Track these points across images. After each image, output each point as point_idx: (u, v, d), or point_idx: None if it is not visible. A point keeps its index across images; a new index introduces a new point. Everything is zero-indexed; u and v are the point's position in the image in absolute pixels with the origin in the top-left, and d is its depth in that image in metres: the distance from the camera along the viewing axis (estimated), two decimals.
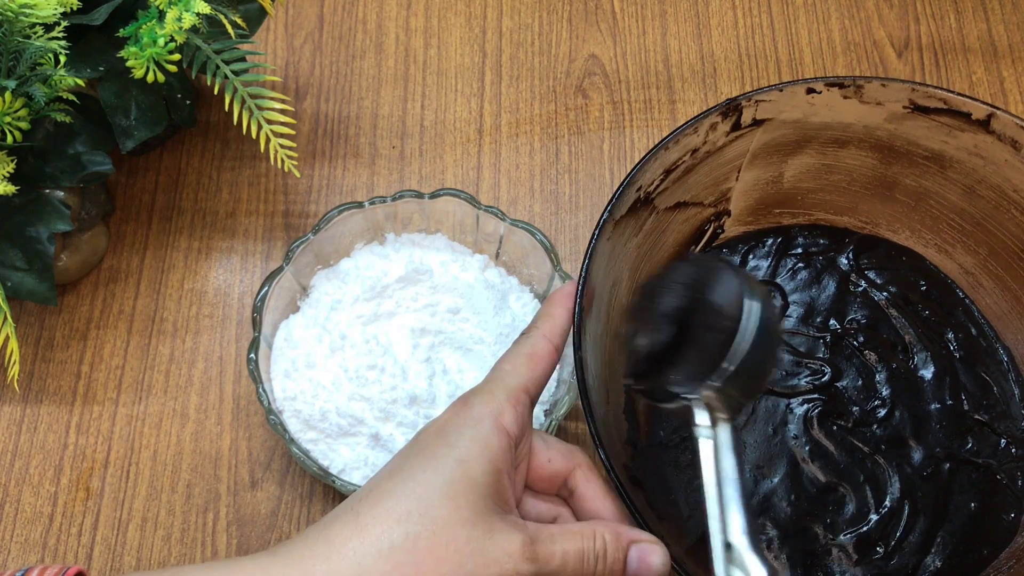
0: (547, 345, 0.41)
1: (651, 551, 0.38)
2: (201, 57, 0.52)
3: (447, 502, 0.34)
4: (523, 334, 0.42)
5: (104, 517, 0.54)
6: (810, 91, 0.51)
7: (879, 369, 0.54)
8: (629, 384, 0.43)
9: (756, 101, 0.51)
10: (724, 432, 0.40)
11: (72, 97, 0.51)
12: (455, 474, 0.34)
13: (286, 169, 0.54)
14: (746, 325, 0.40)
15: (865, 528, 0.50)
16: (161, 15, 0.50)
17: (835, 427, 0.52)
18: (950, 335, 0.55)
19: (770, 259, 0.57)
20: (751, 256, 0.58)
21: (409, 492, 0.34)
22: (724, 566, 0.37)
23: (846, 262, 0.57)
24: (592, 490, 0.40)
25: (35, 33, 0.48)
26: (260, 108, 0.53)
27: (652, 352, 0.42)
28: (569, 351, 0.53)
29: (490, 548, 0.34)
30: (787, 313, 0.56)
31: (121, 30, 0.51)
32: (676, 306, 0.41)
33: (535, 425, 0.53)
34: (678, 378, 0.41)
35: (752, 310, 0.40)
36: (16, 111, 0.49)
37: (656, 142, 0.51)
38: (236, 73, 0.53)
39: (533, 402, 0.40)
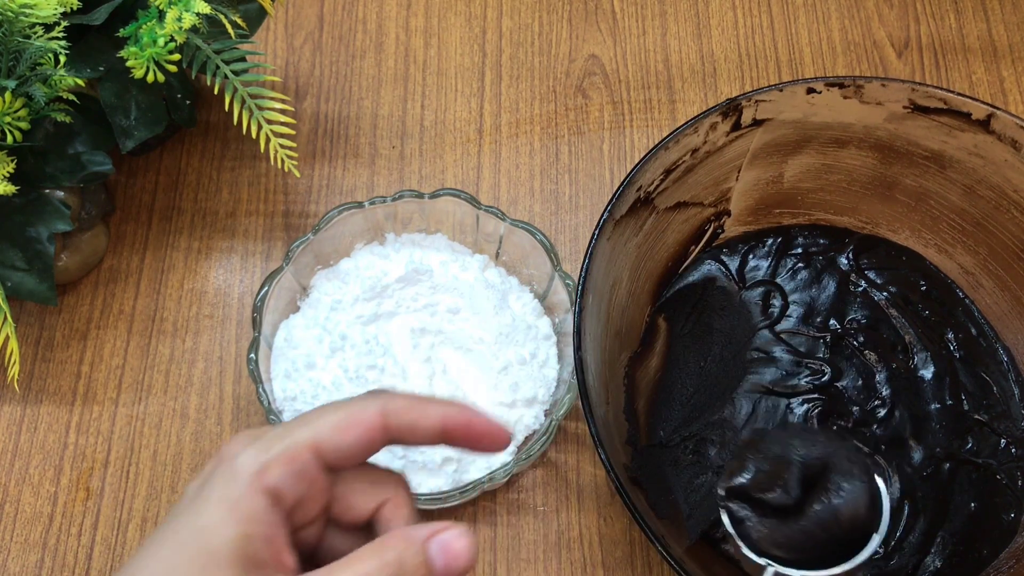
0: (377, 419, 0.33)
1: (453, 538, 0.32)
2: (201, 57, 0.52)
3: None
4: (371, 393, 0.34)
5: (104, 517, 0.54)
6: (810, 91, 0.51)
7: (879, 369, 0.54)
8: (722, 496, 0.44)
9: (756, 101, 0.51)
10: None
11: (72, 97, 0.51)
12: (197, 547, 0.30)
13: (286, 169, 0.54)
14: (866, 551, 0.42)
15: None
16: (161, 15, 0.50)
17: (835, 427, 0.52)
18: (950, 335, 0.55)
19: (770, 259, 0.57)
20: (751, 256, 0.58)
21: (144, 570, 0.30)
22: None
23: (846, 262, 0.57)
24: (398, 521, 0.34)
25: (35, 33, 0.48)
26: (260, 108, 0.53)
27: (770, 499, 0.43)
28: (569, 351, 0.53)
29: None
30: (787, 313, 0.56)
31: (121, 30, 0.51)
32: (812, 479, 0.43)
33: (535, 426, 0.53)
34: (778, 545, 0.43)
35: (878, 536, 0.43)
36: (16, 111, 0.49)
37: (656, 142, 0.51)
38: (236, 73, 0.53)
39: (328, 464, 0.32)
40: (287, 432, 0.32)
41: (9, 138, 0.49)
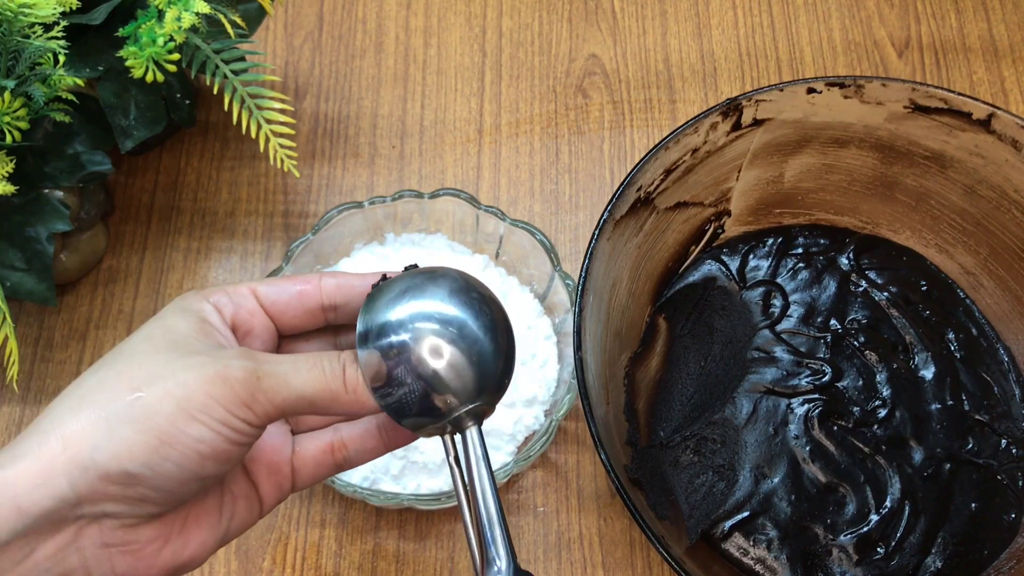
0: (313, 289, 0.38)
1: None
2: (201, 57, 0.52)
3: (166, 356, 0.33)
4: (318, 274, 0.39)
5: None
6: (810, 91, 0.51)
7: (880, 369, 0.54)
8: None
9: (756, 101, 0.51)
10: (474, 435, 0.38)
11: (71, 97, 0.51)
12: (166, 336, 0.34)
13: (286, 169, 0.54)
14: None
15: (865, 528, 0.50)
16: (160, 15, 0.49)
17: (836, 427, 0.52)
18: (951, 335, 0.55)
19: (770, 259, 0.57)
20: (751, 256, 0.58)
21: (135, 366, 0.33)
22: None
23: (847, 262, 0.57)
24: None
25: (34, 33, 0.48)
26: (260, 108, 0.53)
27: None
28: (569, 351, 0.53)
29: (217, 356, 0.33)
30: (788, 313, 0.56)
31: (120, 30, 0.50)
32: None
33: (535, 426, 0.53)
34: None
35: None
36: (15, 111, 0.49)
37: (656, 142, 0.51)
38: (236, 73, 0.53)
39: (266, 309, 0.37)
40: (235, 285, 0.38)
41: (8, 138, 0.49)
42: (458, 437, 0.38)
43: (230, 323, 0.36)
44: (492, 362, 0.37)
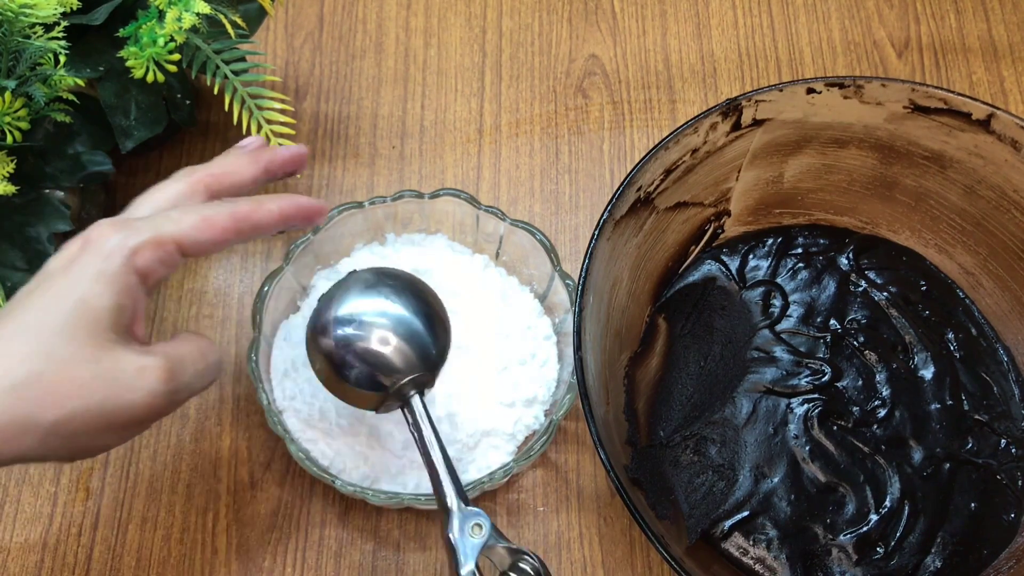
0: (229, 221, 0.40)
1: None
2: (201, 57, 0.52)
3: (69, 342, 0.35)
4: (223, 201, 0.42)
5: (104, 517, 0.54)
6: (810, 91, 0.51)
7: (879, 369, 0.54)
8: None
9: (756, 101, 0.51)
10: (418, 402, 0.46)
11: (72, 97, 0.51)
12: (76, 314, 0.35)
13: None
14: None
15: (865, 528, 0.50)
16: (161, 15, 0.50)
17: (835, 427, 0.52)
18: (950, 335, 0.55)
19: (770, 259, 0.57)
20: (751, 256, 0.58)
21: (31, 335, 0.35)
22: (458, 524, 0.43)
23: (846, 262, 0.57)
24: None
25: (35, 33, 0.48)
26: (260, 108, 0.53)
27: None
28: (569, 351, 0.53)
29: (120, 376, 0.35)
30: (788, 313, 0.56)
31: (121, 30, 0.51)
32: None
33: (535, 426, 0.53)
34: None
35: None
36: (16, 111, 0.49)
37: (656, 142, 0.51)
38: (236, 73, 0.53)
39: (185, 255, 0.39)
40: (153, 224, 0.38)
41: (9, 138, 0.49)
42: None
43: (149, 290, 0.38)
44: (423, 340, 0.46)
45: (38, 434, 0.34)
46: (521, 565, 0.41)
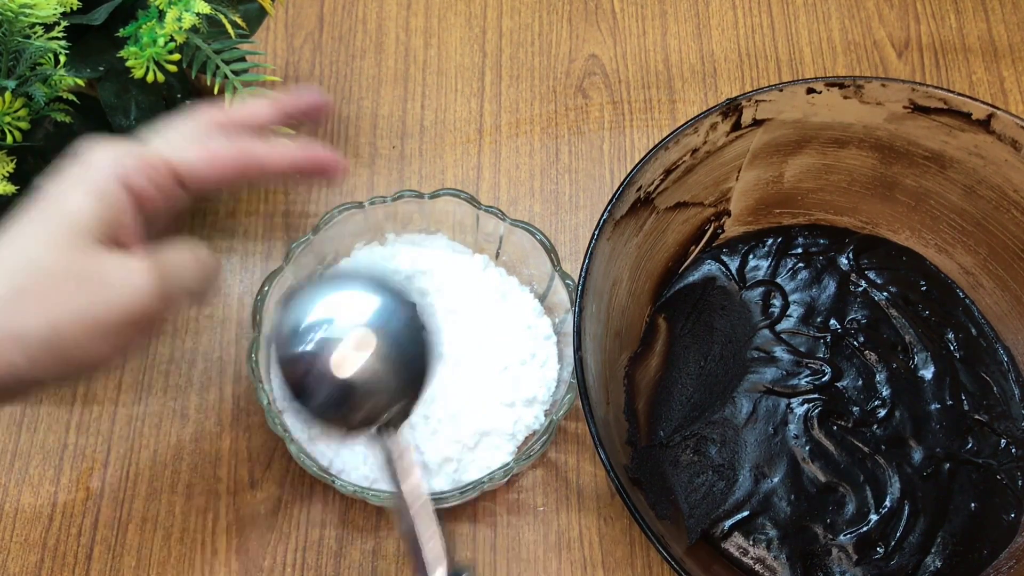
0: (234, 158, 0.38)
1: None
2: (201, 57, 0.52)
3: (50, 251, 0.34)
4: (238, 143, 0.39)
5: (104, 517, 0.54)
6: (810, 91, 0.51)
7: (879, 369, 0.54)
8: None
9: (756, 101, 0.51)
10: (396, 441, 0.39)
11: (72, 97, 0.51)
12: (59, 224, 0.35)
13: None
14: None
15: (865, 528, 0.50)
16: (161, 15, 0.50)
17: (835, 427, 0.52)
18: (950, 335, 0.55)
19: (770, 259, 0.57)
20: (751, 256, 0.58)
21: (16, 250, 0.34)
22: None
23: (846, 262, 0.57)
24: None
25: (35, 33, 0.48)
26: None
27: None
28: (569, 351, 0.53)
29: (104, 278, 0.34)
30: (788, 313, 0.56)
31: (121, 30, 0.51)
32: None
33: (535, 426, 0.53)
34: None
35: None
36: (16, 111, 0.49)
37: (656, 142, 0.51)
38: (236, 73, 0.53)
39: (181, 183, 0.37)
40: (149, 147, 0.37)
41: (9, 138, 0.49)
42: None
43: (138, 204, 0.36)
44: (393, 374, 0.38)
45: (26, 348, 0.33)
46: None
